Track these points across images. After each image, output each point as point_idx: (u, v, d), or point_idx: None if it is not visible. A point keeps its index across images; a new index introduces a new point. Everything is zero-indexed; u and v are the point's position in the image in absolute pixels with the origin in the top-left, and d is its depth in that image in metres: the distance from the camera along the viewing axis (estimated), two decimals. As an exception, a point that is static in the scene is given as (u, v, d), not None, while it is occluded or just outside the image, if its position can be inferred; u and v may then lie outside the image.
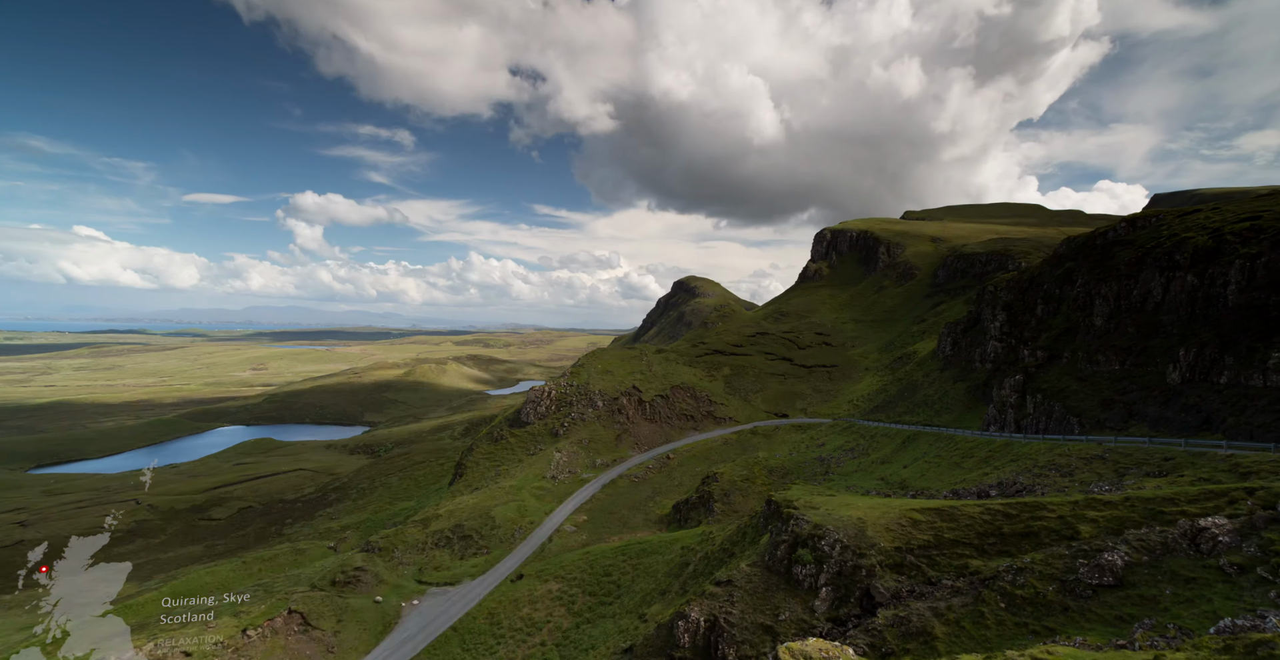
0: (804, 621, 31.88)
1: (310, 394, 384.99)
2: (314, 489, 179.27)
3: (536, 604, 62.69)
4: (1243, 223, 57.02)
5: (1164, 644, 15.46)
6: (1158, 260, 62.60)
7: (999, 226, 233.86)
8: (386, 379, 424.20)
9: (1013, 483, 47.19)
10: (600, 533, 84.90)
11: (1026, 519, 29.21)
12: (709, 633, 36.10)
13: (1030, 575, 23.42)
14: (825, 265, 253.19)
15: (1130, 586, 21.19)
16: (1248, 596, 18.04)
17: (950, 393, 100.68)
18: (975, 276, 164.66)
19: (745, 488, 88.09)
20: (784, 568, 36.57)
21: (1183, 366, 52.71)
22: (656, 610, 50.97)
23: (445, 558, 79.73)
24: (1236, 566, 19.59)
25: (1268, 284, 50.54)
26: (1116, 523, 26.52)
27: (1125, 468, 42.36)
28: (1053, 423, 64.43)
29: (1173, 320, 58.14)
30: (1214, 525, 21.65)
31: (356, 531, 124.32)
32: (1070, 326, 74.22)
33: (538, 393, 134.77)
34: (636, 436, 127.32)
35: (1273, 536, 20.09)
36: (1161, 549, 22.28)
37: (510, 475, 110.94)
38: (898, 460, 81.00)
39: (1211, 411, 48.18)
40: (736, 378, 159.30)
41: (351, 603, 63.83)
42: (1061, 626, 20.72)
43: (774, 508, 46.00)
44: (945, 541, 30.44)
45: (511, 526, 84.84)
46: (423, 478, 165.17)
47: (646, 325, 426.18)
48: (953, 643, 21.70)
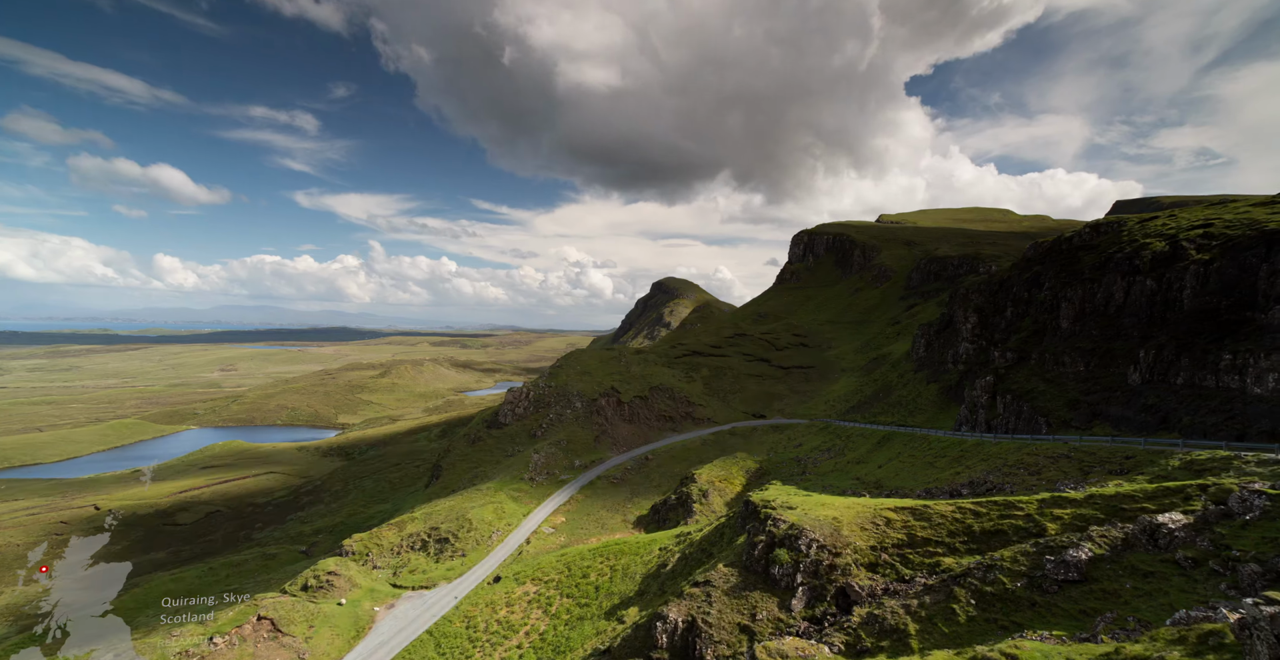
0: (781, 621, 32.22)
1: (282, 395, 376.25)
2: (285, 493, 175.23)
3: (513, 606, 62.22)
4: (1196, 229, 59.34)
5: (1124, 637, 16.02)
6: (1119, 265, 64.78)
7: (971, 229, 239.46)
8: (361, 380, 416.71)
9: (983, 481, 48.35)
10: (578, 534, 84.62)
11: (996, 517, 29.97)
12: (687, 633, 36.26)
13: (999, 572, 24.04)
14: (802, 267, 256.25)
15: (1093, 581, 21.90)
16: (1201, 589, 18.79)
17: (924, 393, 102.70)
18: (948, 279, 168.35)
19: (723, 488, 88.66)
20: (761, 567, 36.92)
21: (1143, 368, 54.61)
22: (634, 611, 51.02)
23: (421, 561, 78.66)
24: (1191, 560, 20.39)
25: (1219, 289, 52.68)
26: (1081, 520, 27.38)
27: (1089, 466, 43.73)
28: (1022, 422, 66.16)
29: (1133, 323, 60.21)
30: (1170, 521, 22.50)
31: (330, 535, 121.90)
32: (1038, 328, 76.32)
33: (516, 394, 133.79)
34: (615, 437, 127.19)
35: (1223, 531, 20.95)
36: (1122, 544, 23.08)
37: (488, 477, 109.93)
38: (873, 460, 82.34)
39: (1169, 411, 50.02)
40: (715, 379, 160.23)
41: (324, 608, 62.58)
42: (1029, 622, 21.32)
43: (751, 508, 46.42)
44: (918, 540, 31.06)
45: (489, 529, 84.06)
46: (398, 480, 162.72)
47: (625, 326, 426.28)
48: (925, 639, 22.17)
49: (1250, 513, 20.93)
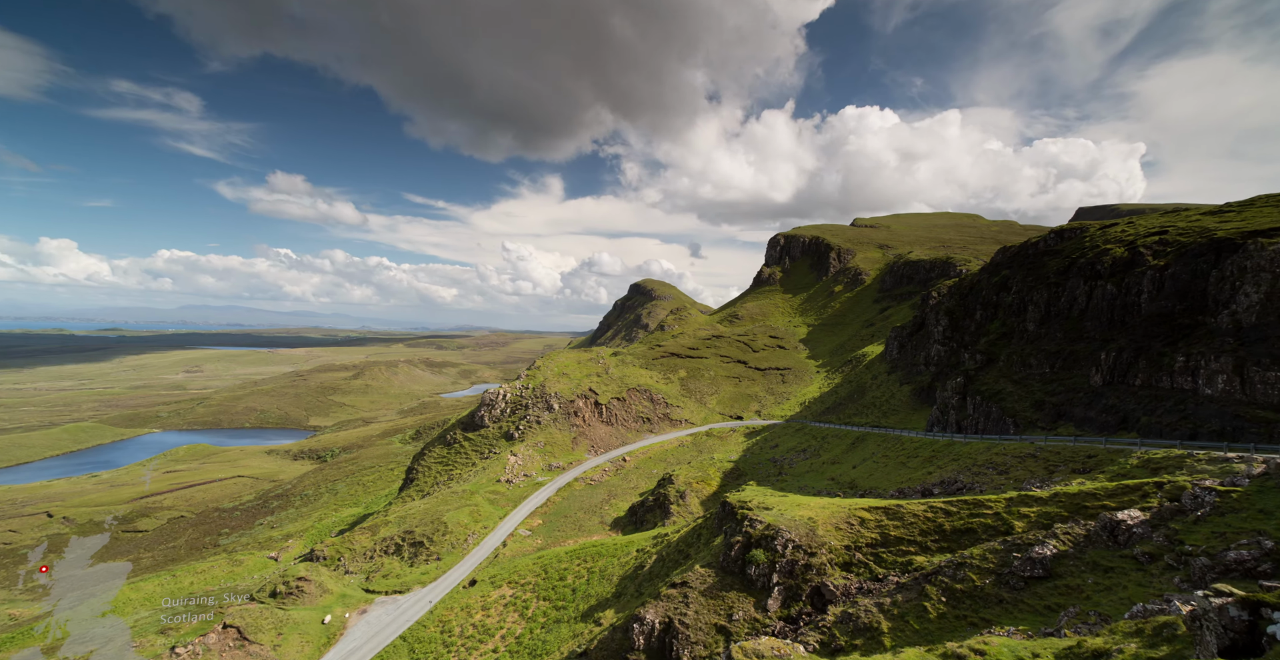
0: (757, 621, 32.52)
1: (250, 398, 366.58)
2: (253, 497, 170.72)
3: (489, 610, 61.62)
4: (1152, 236, 61.71)
5: (1086, 631, 16.60)
6: (1082, 270, 66.98)
7: (942, 234, 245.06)
8: (333, 382, 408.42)
9: (954, 481, 49.48)
10: (555, 537, 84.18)
11: (966, 516, 30.72)
12: (664, 634, 36.36)
13: (969, 569, 24.66)
14: (778, 270, 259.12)
15: (1058, 577, 22.62)
16: (1156, 583, 19.56)
17: (897, 395, 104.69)
18: (920, 282, 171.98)
19: (700, 489, 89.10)
20: (738, 568, 37.22)
21: (1104, 369, 56.54)
22: (611, 614, 50.95)
23: (395, 565, 77.39)
24: (1148, 555, 21.21)
25: (1174, 293, 54.86)
26: (1046, 518, 28.24)
27: (1054, 465, 45.10)
28: (990, 423, 67.92)
29: (1095, 326, 62.30)
30: (1129, 517, 23.37)
31: (300, 540, 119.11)
32: (1006, 331, 78.45)
33: (493, 395, 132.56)
34: (593, 439, 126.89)
35: (1177, 526, 21.84)
36: (1085, 541, 23.88)
37: (463, 479, 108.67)
38: (847, 461, 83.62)
39: (1128, 411, 51.88)
40: (692, 380, 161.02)
41: (293, 614, 61.11)
42: (997, 617, 21.92)
43: (728, 509, 46.77)
44: (891, 539, 31.66)
45: (464, 532, 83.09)
46: (371, 483, 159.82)
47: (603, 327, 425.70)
48: (898, 637, 22.63)
49: (1201, 509, 21.86)
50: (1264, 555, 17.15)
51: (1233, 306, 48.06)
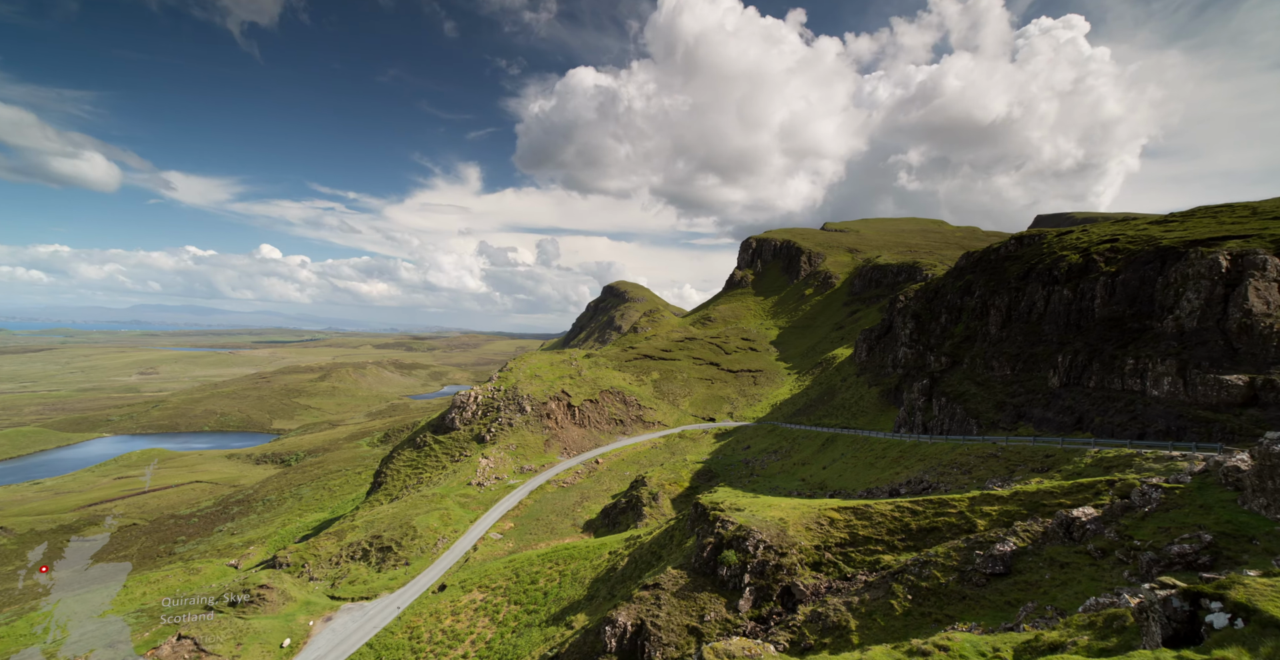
0: (728, 621, 32.82)
1: (210, 400, 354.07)
2: (212, 502, 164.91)
3: (459, 615, 60.74)
4: (1104, 244, 64.45)
5: (1043, 624, 17.24)
6: (1040, 275, 69.52)
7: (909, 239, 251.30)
8: (298, 383, 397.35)
9: (920, 481, 50.77)
10: (527, 540, 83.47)
11: (932, 515, 31.57)
12: (636, 636, 36.39)
13: (934, 567, 25.35)
14: (750, 272, 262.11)
15: (1017, 573, 23.43)
16: (1108, 577, 20.44)
17: (866, 396, 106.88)
18: (888, 286, 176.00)
19: (673, 491, 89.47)
20: (710, 569, 37.51)
21: (1060, 372, 58.77)
22: (583, 617, 50.76)
23: (362, 571, 75.68)
24: (1100, 550, 22.14)
25: (1124, 299, 57.40)
26: (1007, 516, 29.21)
27: (1015, 465, 46.66)
28: (955, 424, 69.88)
29: (1053, 329, 64.72)
30: (1083, 514, 24.36)
31: (262, 547, 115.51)
32: (970, 334, 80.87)
33: (464, 397, 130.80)
34: (565, 441, 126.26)
35: (1127, 522, 22.85)
36: (1043, 538, 24.79)
37: (433, 483, 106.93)
38: (817, 461, 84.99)
39: (1083, 412, 54.02)
40: (665, 382, 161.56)
41: (254, 624, 59.22)
42: (960, 613, 22.59)
43: (701, 510, 47.07)
44: (860, 539, 32.33)
45: (434, 536, 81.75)
46: (338, 487, 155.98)
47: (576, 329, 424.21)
48: (865, 634, 23.13)
49: (1149, 505, 22.92)
50: (1204, 548, 18.07)
51: (1176, 312, 50.50)
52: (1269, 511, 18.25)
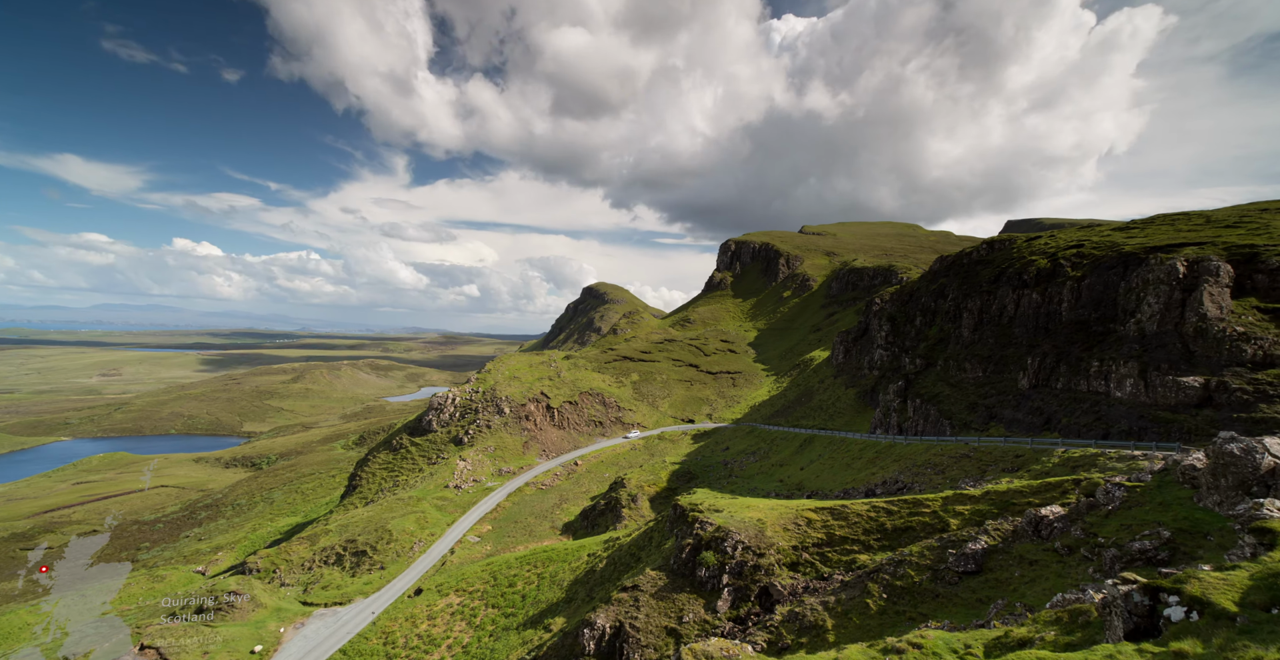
0: (707, 622, 32.99)
1: (177, 402, 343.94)
2: (179, 508, 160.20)
3: (435, 620, 59.97)
4: (1071, 249, 66.43)
5: (1013, 621, 17.71)
6: (1010, 279, 71.34)
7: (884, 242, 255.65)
8: (270, 385, 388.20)
9: (895, 481, 51.67)
10: (505, 542, 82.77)
11: (906, 515, 32.16)
12: (614, 638, 36.37)
13: (908, 566, 25.84)
14: (729, 275, 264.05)
15: (989, 572, 24.01)
16: (1074, 573, 21.08)
17: (842, 398, 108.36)
18: (865, 289, 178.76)
19: (652, 493, 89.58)
20: (689, 570, 37.66)
21: (1030, 373, 60.36)
22: (562, 619, 50.54)
23: (335, 576, 74.23)
24: (1067, 548, 22.82)
25: (1089, 303, 59.25)
26: (979, 515, 29.91)
27: (986, 465, 47.78)
28: (929, 425, 71.25)
29: (1023, 332, 66.45)
30: (1051, 513, 25.07)
31: (231, 552, 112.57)
32: (944, 337, 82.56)
33: (441, 399, 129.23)
34: (544, 443, 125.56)
35: (1093, 520, 23.60)
36: (1013, 536, 25.45)
37: (410, 486, 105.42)
38: (795, 462, 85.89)
39: (1051, 413, 55.56)
40: (645, 384, 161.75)
41: (222, 632, 57.67)
42: (933, 611, 23.06)
43: (680, 512, 47.24)
44: (836, 539, 32.78)
45: (410, 539, 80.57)
46: (311, 491, 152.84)
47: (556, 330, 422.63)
48: (841, 633, 23.46)
49: (1112, 503, 23.70)
50: (1163, 544, 18.76)
51: (1138, 315, 52.28)
52: (1222, 508, 19.00)
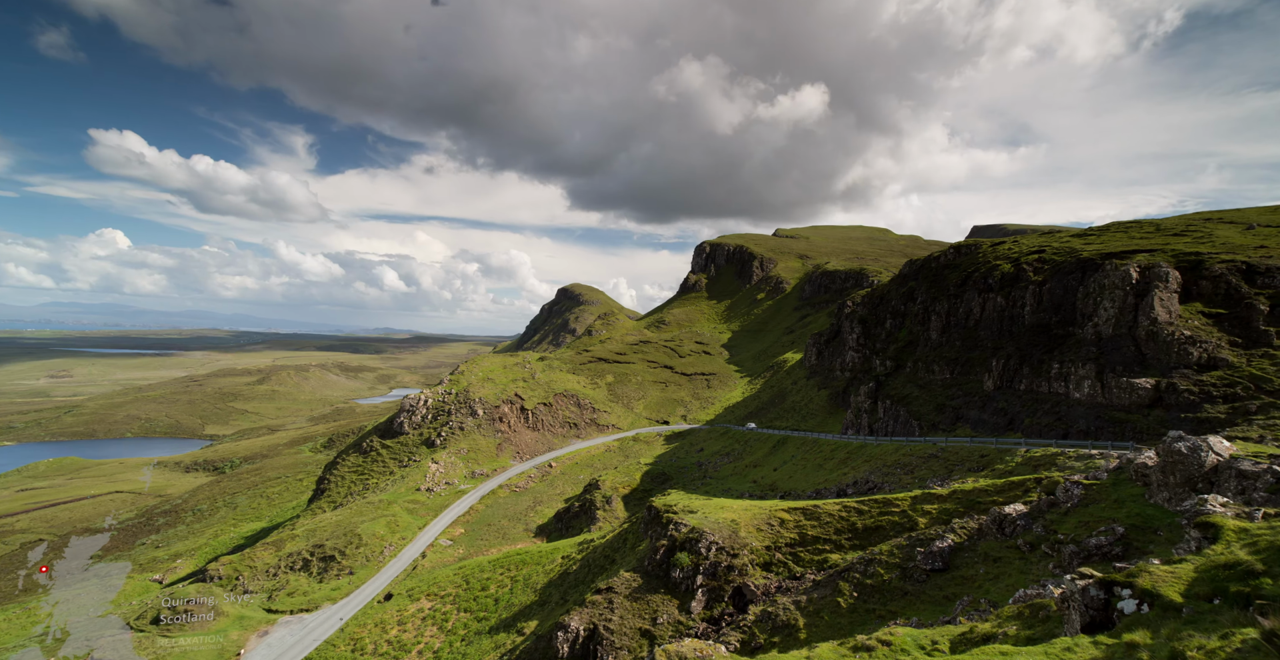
0: (681, 623, 33.14)
1: (133, 404, 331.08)
2: (134, 514, 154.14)
3: (406, 625, 58.95)
4: (1033, 255, 68.72)
5: (977, 617, 18.24)
6: (976, 283, 73.40)
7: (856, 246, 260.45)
8: (234, 387, 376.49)
9: (866, 481, 52.64)
10: (478, 545, 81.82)
11: (876, 514, 32.81)
12: (589, 641, 36.26)
13: (878, 565, 26.37)
14: (704, 277, 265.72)
15: (955, 569, 24.66)
16: (1035, 570, 21.80)
17: (815, 399, 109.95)
18: (837, 292, 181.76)
19: (627, 494, 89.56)
20: (663, 571, 37.78)
21: (994, 375, 62.17)
22: (535, 622, 50.16)
23: (302, 582, 72.35)
24: (1029, 544, 23.58)
25: (1050, 307, 61.35)
26: (946, 514, 30.68)
27: (953, 464, 49.04)
28: (898, 426, 72.79)
29: (988, 335, 68.42)
30: (1014, 511, 25.88)
31: (191, 559, 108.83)
32: (913, 339, 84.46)
33: (413, 401, 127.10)
34: (518, 445, 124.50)
35: (1053, 518, 24.45)
36: (978, 534, 26.18)
37: (380, 489, 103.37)
38: (769, 463, 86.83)
39: (1014, 414, 57.32)
40: (619, 385, 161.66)
41: (180, 642, 55.77)
42: (902, 609, 23.59)
43: (654, 513, 47.33)
44: (809, 539, 33.26)
45: (380, 544, 79.02)
46: (277, 495, 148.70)
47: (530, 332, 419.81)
48: (813, 632, 23.83)
49: (1071, 501, 24.59)
50: (1117, 540, 19.54)
51: (1095, 319, 54.31)
52: (1171, 504, 19.88)
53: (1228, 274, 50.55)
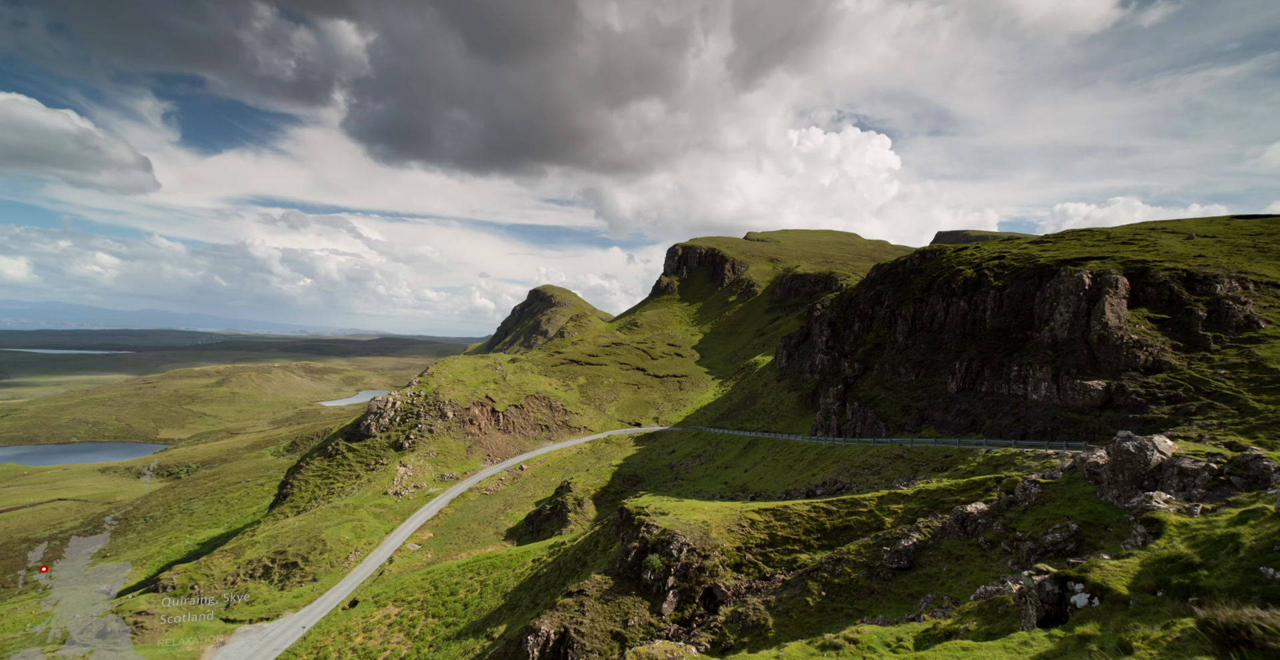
0: (652, 625, 33.23)
1: (80, 407, 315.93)
2: (79, 522, 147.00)
3: (371, 632, 57.63)
4: (994, 260, 71.14)
5: (940, 614, 18.80)
6: (940, 288, 75.54)
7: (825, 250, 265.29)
8: (191, 389, 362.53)
9: (835, 482, 53.61)
10: (447, 550, 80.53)
11: (844, 514, 33.47)
12: (559, 645, 36.06)
13: (846, 564, 26.92)
14: (676, 279, 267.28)
15: (919, 567, 25.34)
16: (995, 567, 22.57)
17: (785, 401, 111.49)
18: (807, 295, 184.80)
19: (599, 497, 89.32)
20: (634, 574, 37.82)
21: (958, 377, 64.04)
22: (505, 627, 49.62)
23: (263, 589, 70.10)
24: (989, 542, 24.40)
25: (1010, 311, 63.57)
26: (911, 513, 31.49)
27: (919, 465, 50.34)
28: (866, 427, 74.33)
29: (951, 338, 70.46)
30: (975, 510, 26.74)
31: (142, 568, 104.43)
32: (880, 342, 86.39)
33: (381, 403, 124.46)
34: (489, 448, 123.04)
35: (1012, 516, 25.34)
36: (941, 533, 26.96)
37: (346, 493, 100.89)
38: (740, 465, 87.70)
39: (977, 415, 59.14)
40: (591, 387, 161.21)
41: (128, 656, 53.45)
42: (869, 607, 24.12)
43: (626, 515, 47.35)
44: (779, 539, 33.73)
45: (346, 549, 77.11)
46: (236, 501, 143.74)
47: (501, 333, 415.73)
48: (782, 632, 24.18)
49: (1028, 500, 25.54)
50: (1071, 537, 20.38)
51: (1051, 323, 56.49)
52: (1119, 501, 20.83)
53: (1170, 281, 53.25)
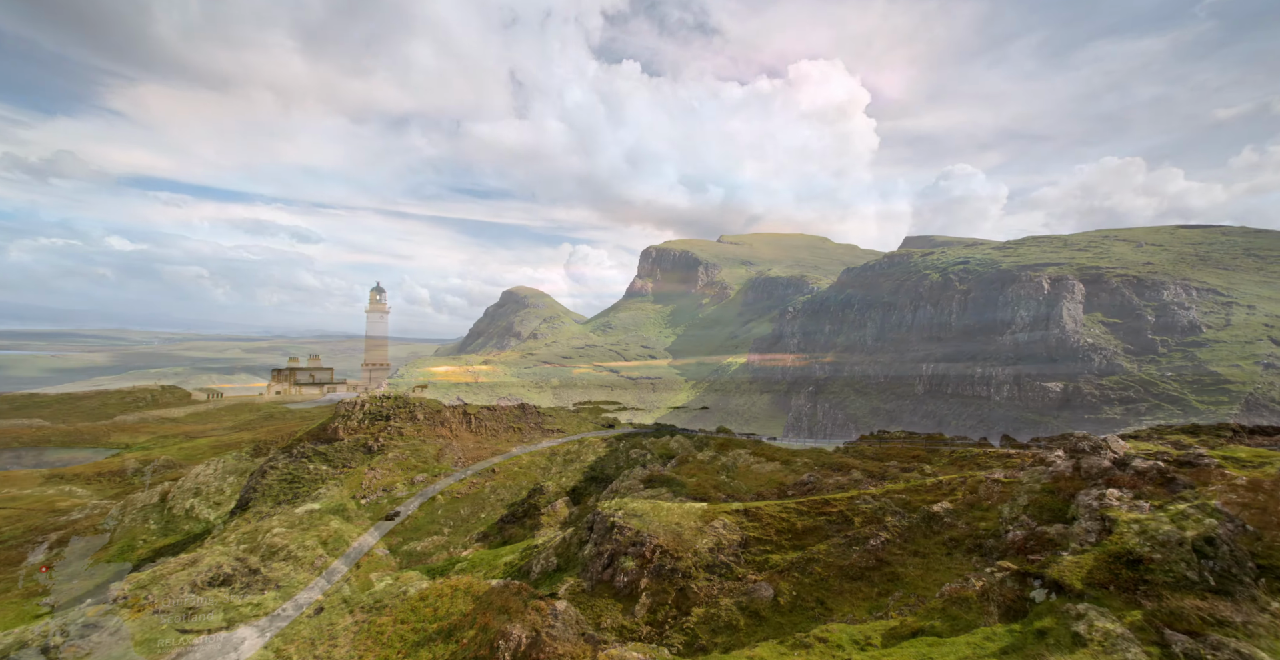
0: (625, 627, 33.19)
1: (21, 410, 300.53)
2: (16, 534, 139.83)
3: (337, 640, 56.02)
4: (959, 265, 73.26)
5: (907, 611, 19.21)
6: (908, 291, 77.45)
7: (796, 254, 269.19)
8: (146, 389, 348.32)
9: (805, 482, 54.32)
10: (416, 555, 79.04)
11: (815, 514, 33.97)
12: (530, 648, 35.73)
13: (816, 564, 27.32)
14: (650, 281, 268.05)
15: (888, 566, 25.87)
16: (959, 565, 23.18)
17: (757, 402, 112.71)
18: (779, 298, 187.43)
19: (571, 499, 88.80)
20: (608, 576, 37.74)
21: (925, 379, 65.67)
22: (475, 632, 48.95)
23: (222, 598, 67.58)
24: (953, 540, 25.07)
25: (974, 314, 65.51)
26: (879, 513, 32.11)
27: (888, 465, 51.39)
28: (837, 427, 75.66)
29: (919, 340, 72.23)
30: (941, 509, 27.45)
31: (89, 581, 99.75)
32: (850, 344, 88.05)
33: (349, 405, 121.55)
34: (460, 450, 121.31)
35: (976, 515, 26.09)
36: (909, 532, 27.58)
37: (312, 498, 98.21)
38: (712, 466, 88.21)
39: (943, 416, 60.76)
40: (564, 388, 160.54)
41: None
42: (839, 606, 24.52)
43: (599, 517, 47.20)
44: (751, 540, 34.05)
45: (311, 555, 74.91)
46: (195, 507, 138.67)
47: (473, 335, 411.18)
48: (754, 632, 24.42)
49: (990, 499, 26.33)
50: (1030, 535, 21.08)
51: (1013, 326, 58.39)
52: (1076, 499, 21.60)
53: (1122, 287, 55.59)
